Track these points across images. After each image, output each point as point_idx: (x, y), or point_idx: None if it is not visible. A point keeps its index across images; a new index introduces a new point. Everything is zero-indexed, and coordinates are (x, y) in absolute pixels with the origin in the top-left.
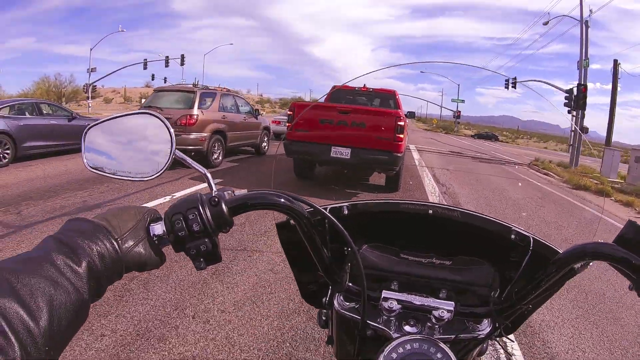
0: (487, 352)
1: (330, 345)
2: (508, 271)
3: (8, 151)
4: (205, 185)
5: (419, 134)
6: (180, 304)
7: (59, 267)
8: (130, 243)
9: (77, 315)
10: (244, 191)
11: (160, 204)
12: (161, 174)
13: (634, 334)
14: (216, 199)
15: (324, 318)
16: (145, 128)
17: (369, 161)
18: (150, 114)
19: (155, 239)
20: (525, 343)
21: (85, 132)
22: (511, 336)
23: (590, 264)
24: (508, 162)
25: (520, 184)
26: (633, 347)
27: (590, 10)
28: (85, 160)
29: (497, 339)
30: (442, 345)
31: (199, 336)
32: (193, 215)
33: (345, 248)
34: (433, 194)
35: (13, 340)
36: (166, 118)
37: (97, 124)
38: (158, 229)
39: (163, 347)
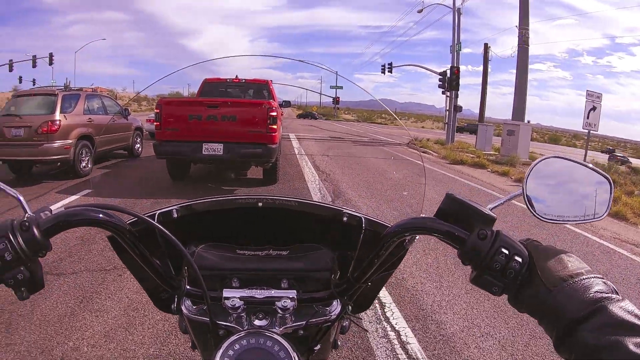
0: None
1: (195, 350)
2: (350, 253)
3: None
4: (74, 197)
5: (299, 122)
6: (47, 345)
7: None
8: None
9: None
10: (61, 209)
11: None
12: None
13: None
14: (27, 223)
15: (184, 324)
16: None
17: (243, 155)
18: None
19: None
20: (419, 328)
21: None
22: (365, 312)
23: (417, 237)
24: (388, 143)
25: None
26: (525, 314)
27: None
28: None
29: (353, 317)
30: (275, 336)
31: None
32: (3, 245)
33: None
34: (313, 182)
35: None
36: (27, 126)
37: None
38: None
39: None
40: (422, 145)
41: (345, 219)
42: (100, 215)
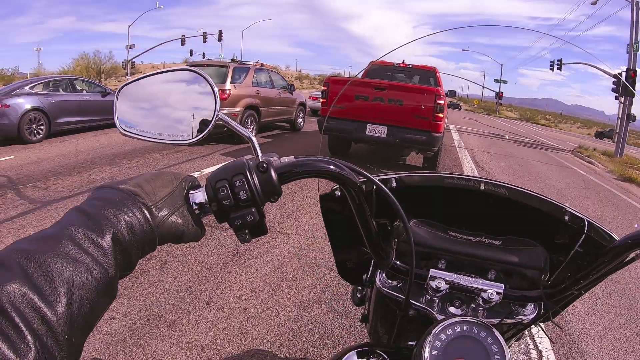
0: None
1: (364, 324)
2: (556, 254)
3: (42, 127)
4: (246, 157)
5: (459, 114)
6: (196, 288)
7: (79, 242)
8: (166, 212)
9: (103, 294)
10: (290, 158)
11: None
12: (204, 136)
13: None
14: (265, 165)
15: (358, 295)
16: (186, 87)
17: (406, 140)
18: (193, 71)
19: (195, 207)
20: (563, 353)
21: (119, 91)
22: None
23: None
24: (551, 147)
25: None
26: None
27: None
28: (117, 122)
29: (541, 324)
30: (494, 330)
31: (210, 324)
32: (240, 182)
33: (391, 223)
34: None
35: (25, 331)
36: None
37: (132, 81)
38: (199, 196)
39: (172, 334)
40: (588, 155)
41: (567, 217)
42: (332, 167)
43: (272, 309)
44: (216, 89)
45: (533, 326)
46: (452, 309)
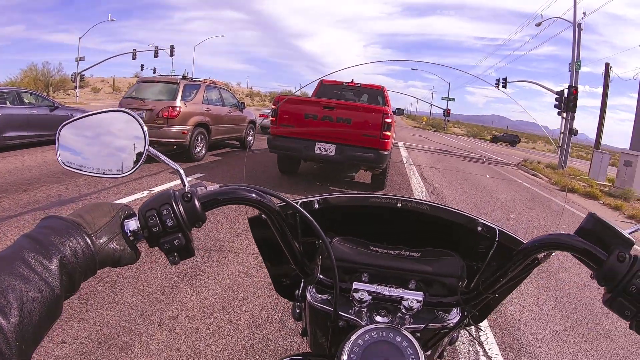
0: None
1: (304, 337)
2: (475, 262)
3: None
4: (196, 175)
5: (408, 131)
6: (147, 310)
7: (30, 264)
8: (105, 239)
9: (49, 310)
10: (216, 186)
11: (138, 198)
12: (134, 171)
13: (624, 347)
14: (189, 195)
15: (297, 311)
16: (119, 125)
17: (354, 158)
18: (124, 112)
19: (130, 234)
20: (512, 358)
21: (60, 130)
22: (481, 325)
23: (553, 254)
24: (497, 162)
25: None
26: None
27: (584, 13)
28: (59, 158)
29: (467, 327)
30: (405, 332)
31: (163, 345)
32: (167, 211)
33: (317, 241)
34: (420, 193)
35: None
36: (149, 109)
37: (71, 121)
38: (132, 224)
39: (124, 357)
40: (533, 168)
41: (479, 228)
42: (253, 195)
43: (224, 328)
44: (145, 128)
45: (460, 329)
46: (378, 318)
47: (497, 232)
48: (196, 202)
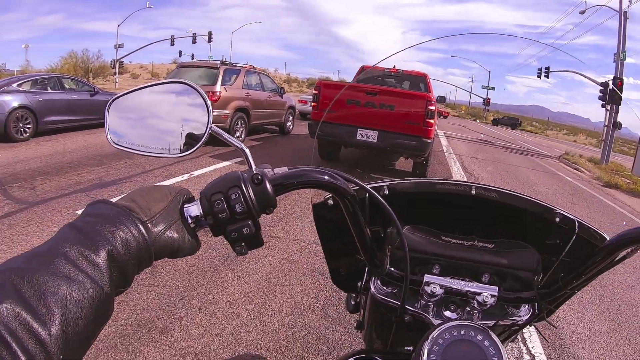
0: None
1: (359, 330)
2: (549, 255)
3: (29, 125)
4: (226, 163)
5: (447, 120)
6: (188, 293)
7: (73, 260)
8: (161, 226)
9: (98, 312)
10: (284, 169)
11: (178, 182)
12: (196, 150)
13: None
14: (259, 177)
15: (352, 302)
16: (175, 98)
17: (396, 145)
18: (184, 83)
19: (190, 221)
20: (555, 358)
21: (110, 104)
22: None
23: None
24: (538, 154)
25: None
26: None
27: (630, 1)
28: (108, 136)
29: (535, 324)
30: (490, 333)
31: (203, 330)
32: (236, 195)
33: (388, 229)
34: None
35: (18, 352)
36: None
37: (123, 94)
38: (194, 210)
39: (164, 340)
40: (574, 162)
41: (557, 219)
42: (326, 177)
43: (265, 314)
44: (209, 102)
45: (528, 326)
46: (447, 313)
47: (577, 224)
48: (268, 185)
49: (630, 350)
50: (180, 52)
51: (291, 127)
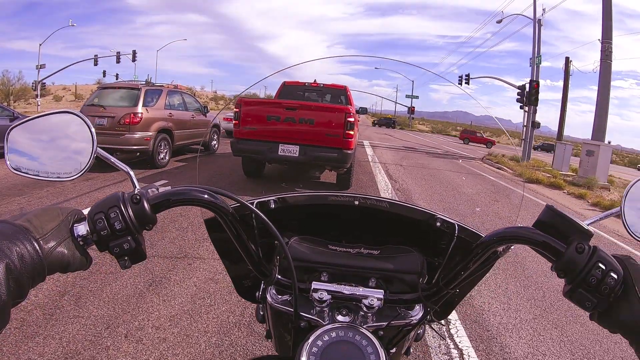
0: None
1: (269, 340)
2: (437, 258)
3: None
4: (160, 182)
5: (373, 129)
6: (113, 322)
7: None
8: (52, 243)
9: None
10: (167, 188)
11: None
12: (83, 173)
13: (594, 332)
14: (138, 197)
15: (261, 313)
16: (68, 127)
17: (318, 159)
18: (72, 113)
19: (79, 239)
20: (483, 349)
21: (8, 133)
22: (442, 321)
23: (512, 247)
24: (462, 157)
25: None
26: (594, 347)
27: (544, 10)
28: (8, 162)
29: (431, 323)
30: (364, 331)
31: (130, 358)
32: (115, 214)
33: (275, 241)
34: (386, 191)
35: None
36: (110, 116)
37: (20, 124)
38: (82, 229)
39: None
40: (497, 161)
41: (438, 224)
42: (205, 196)
43: (192, 336)
44: (93, 129)
45: (423, 326)
46: (340, 318)
47: (457, 227)
48: (145, 204)
49: (558, 333)
50: (104, 72)
51: (216, 145)
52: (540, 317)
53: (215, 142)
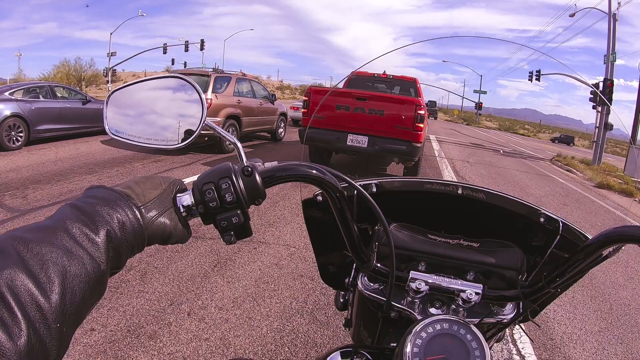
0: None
1: (347, 328)
2: (533, 254)
3: (21, 134)
4: None
5: (440, 124)
6: (177, 299)
7: (75, 236)
8: (154, 213)
9: (94, 288)
10: (274, 163)
11: None
12: (191, 141)
13: None
14: (249, 169)
15: (341, 300)
16: (172, 94)
17: (386, 150)
18: (180, 78)
19: (182, 210)
20: (546, 358)
21: (109, 97)
22: (537, 320)
23: (623, 248)
24: (530, 156)
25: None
26: None
27: (619, 3)
28: (107, 127)
29: (521, 323)
30: (473, 327)
31: (192, 335)
32: (226, 185)
33: (371, 227)
34: None
35: (19, 316)
36: None
37: (122, 87)
38: (186, 199)
39: (153, 345)
40: (567, 163)
41: (542, 219)
42: (314, 172)
43: (254, 319)
44: (203, 96)
45: (514, 325)
46: (432, 310)
47: (562, 224)
48: (257, 177)
49: (623, 349)
50: (173, 60)
51: (283, 133)
52: (606, 331)
53: (282, 130)
